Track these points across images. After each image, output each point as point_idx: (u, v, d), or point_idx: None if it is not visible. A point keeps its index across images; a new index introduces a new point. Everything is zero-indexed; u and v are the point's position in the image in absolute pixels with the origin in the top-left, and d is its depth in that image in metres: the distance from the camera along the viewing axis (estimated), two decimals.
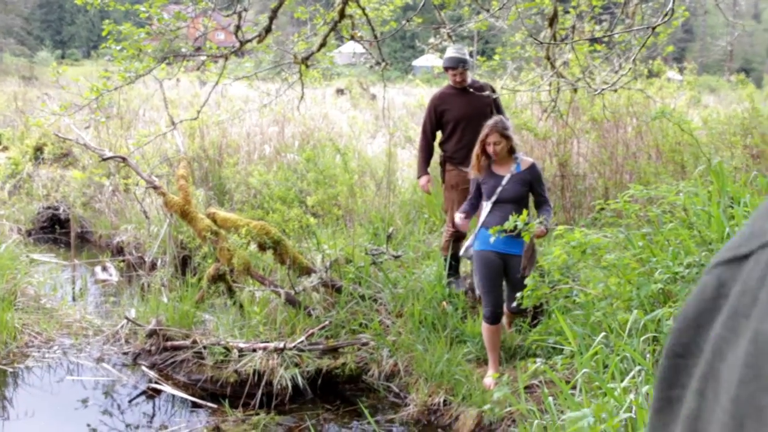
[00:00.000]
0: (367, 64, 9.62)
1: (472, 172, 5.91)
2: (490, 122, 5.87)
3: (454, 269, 7.38)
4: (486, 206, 5.83)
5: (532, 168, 5.87)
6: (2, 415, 6.37)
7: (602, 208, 5.80)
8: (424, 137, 7.51)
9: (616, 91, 7.36)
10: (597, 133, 9.64)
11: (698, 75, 17.67)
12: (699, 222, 4.84)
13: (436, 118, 7.36)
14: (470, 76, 7.34)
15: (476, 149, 5.84)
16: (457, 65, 7.04)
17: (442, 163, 7.50)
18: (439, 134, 7.55)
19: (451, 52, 7.13)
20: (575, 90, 7.93)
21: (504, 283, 5.96)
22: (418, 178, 7.68)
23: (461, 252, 6.23)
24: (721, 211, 4.64)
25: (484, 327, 5.95)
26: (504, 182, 5.75)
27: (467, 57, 7.13)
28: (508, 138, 5.78)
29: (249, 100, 14.35)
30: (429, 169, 7.63)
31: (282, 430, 5.99)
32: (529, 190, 5.84)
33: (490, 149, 5.78)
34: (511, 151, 5.85)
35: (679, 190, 5.20)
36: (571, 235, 4.83)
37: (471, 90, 7.16)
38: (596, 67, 7.69)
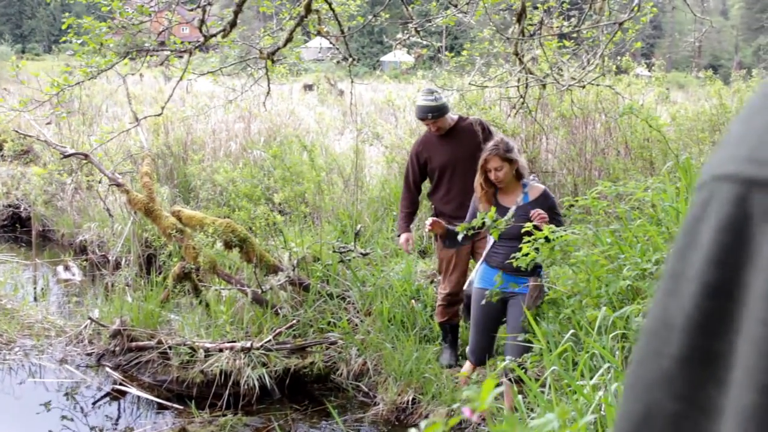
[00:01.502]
0: (334, 60, 9.55)
1: (480, 205, 5.10)
2: (489, 145, 5.10)
3: (450, 338, 6.48)
4: (489, 240, 5.10)
5: (543, 197, 5.04)
6: None
7: (571, 205, 5.77)
8: (406, 189, 6.57)
9: (584, 87, 7.35)
10: (566, 129, 9.64)
11: (667, 71, 17.79)
12: (667, 218, 4.82)
13: (419, 167, 6.47)
14: (449, 118, 6.36)
15: (478, 177, 5.08)
16: (425, 116, 6.18)
17: (433, 214, 6.46)
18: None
19: (420, 100, 6.27)
20: (544, 86, 7.89)
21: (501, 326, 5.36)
22: (398, 235, 6.73)
23: (465, 286, 5.78)
24: (689, 207, 4.62)
25: (466, 364, 5.55)
26: (511, 213, 4.83)
27: (438, 102, 6.16)
28: (511, 161, 4.98)
29: (214, 96, 14.18)
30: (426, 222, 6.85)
31: (249, 430, 5.91)
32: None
33: (491, 176, 5.02)
34: (519, 176, 5.08)
35: (648, 187, 5.18)
36: (540, 232, 4.79)
37: (458, 129, 6.36)
38: (564, 63, 7.66)
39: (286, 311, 7.07)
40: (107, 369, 6.84)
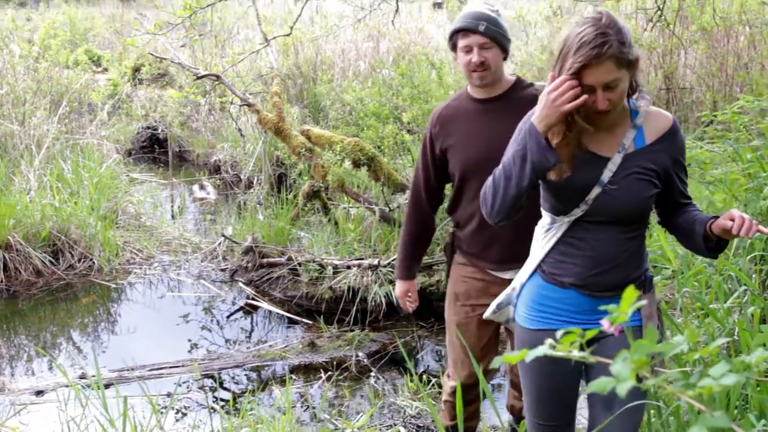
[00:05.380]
0: None
1: (556, 171, 2.57)
2: (578, 32, 2.42)
3: None
4: (557, 226, 2.71)
5: (672, 134, 2.66)
6: (107, 330, 6.57)
7: (710, 121, 5.50)
8: (414, 199, 3.77)
9: None
10: (706, 43, 9.16)
11: None
12: None
13: (434, 159, 3.62)
14: (505, 73, 3.55)
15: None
16: (475, 26, 3.39)
17: (449, 250, 3.79)
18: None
19: (470, 5, 3.56)
20: None
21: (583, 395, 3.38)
22: (396, 279, 3.97)
23: (487, 312, 3.06)
24: None
25: None
26: (611, 170, 2.60)
27: (500, 17, 3.48)
28: (630, 66, 2.47)
29: (343, 15, 14.16)
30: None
31: (376, 346, 5.99)
32: (662, 186, 2.66)
33: (597, 103, 2.46)
34: (633, 91, 2.62)
35: None
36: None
37: (512, 97, 3.49)
38: None
39: None
40: (240, 284, 7.06)
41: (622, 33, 2.42)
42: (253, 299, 6.80)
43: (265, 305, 6.69)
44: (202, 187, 10.43)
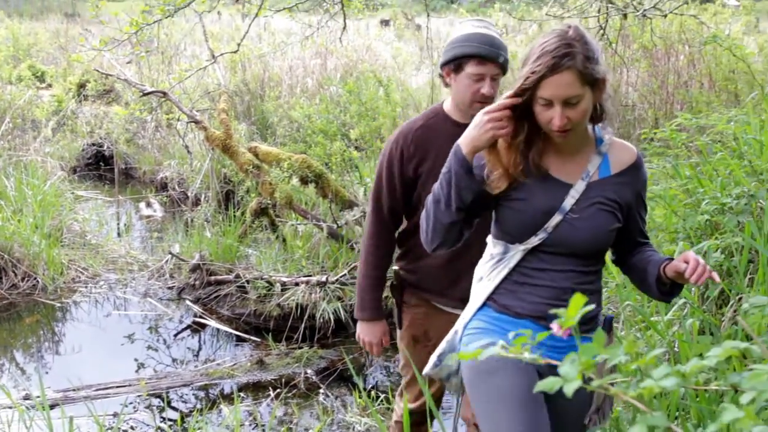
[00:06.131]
0: None
1: (497, 179, 2.44)
2: (542, 42, 2.29)
3: None
4: (510, 255, 2.49)
5: (636, 169, 2.52)
6: (51, 350, 6.48)
7: (651, 139, 5.62)
8: (377, 224, 3.40)
9: (665, 16, 7.10)
10: (647, 61, 9.37)
11: (757, 0, 17.05)
12: (750, 152, 4.66)
13: (402, 180, 3.25)
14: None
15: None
16: (495, 56, 3.07)
17: (397, 288, 3.50)
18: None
19: (474, 26, 3.16)
20: (625, 16, 7.66)
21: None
22: (360, 319, 3.55)
23: (427, 368, 2.70)
24: None
25: None
26: (574, 198, 2.43)
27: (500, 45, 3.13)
28: (596, 85, 2.30)
29: (291, 32, 14.18)
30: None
31: (324, 363, 5.99)
32: (623, 221, 2.50)
33: (553, 120, 2.28)
34: (594, 118, 2.44)
35: (730, 119, 5.02)
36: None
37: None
38: None
39: (361, 246, 7.10)
40: (187, 302, 7.02)
41: (589, 47, 2.25)
42: (200, 317, 6.76)
43: (212, 323, 6.66)
44: (148, 205, 10.34)
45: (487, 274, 2.55)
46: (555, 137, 2.36)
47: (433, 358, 2.64)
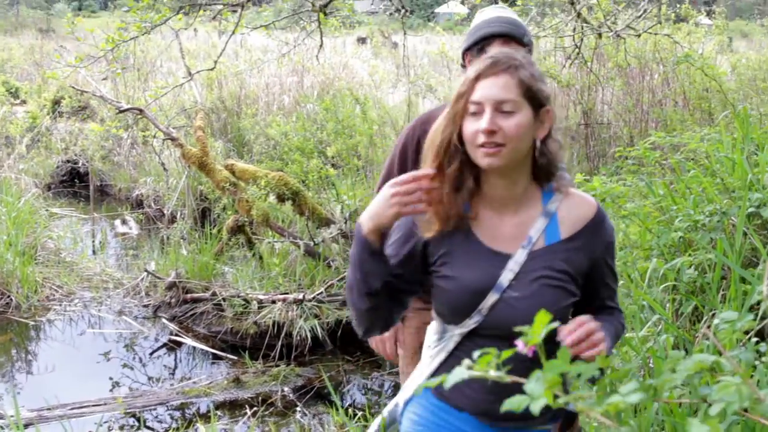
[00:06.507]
0: (387, 12, 9.48)
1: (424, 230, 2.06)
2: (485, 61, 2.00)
3: None
4: (448, 337, 2.11)
5: (595, 226, 2.09)
6: (25, 368, 6.42)
7: (625, 157, 5.68)
8: None
9: (639, 36, 7.19)
10: (622, 80, 9.47)
11: (730, 19, 17.31)
12: (722, 169, 4.72)
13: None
14: None
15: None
16: (521, 36, 2.95)
17: None
18: None
19: (492, 11, 3.07)
20: (599, 35, 7.74)
21: None
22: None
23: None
24: (745, 158, 4.52)
25: None
26: (513, 272, 2.02)
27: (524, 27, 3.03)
28: (534, 98, 1.97)
29: (267, 50, 14.21)
30: None
31: (302, 381, 5.98)
32: (579, 293, 2.07)
33: (478, 130, 1.93)
34: (542, 172, 2.06)
35: (702, 137, 5.08)
36: (591, 184, 4.72)
37: None
38: (620, 12, 7.50)
39: (338, 263, 7.10)
40: (163, 320, 6.98)
41: (533, 66, 1.99)
42: (176, 335, 6.72)
43: (188, 341, 6.63)
44: (124, 222, 10.30)
45: (430, 348, 2.17)
46: (483, 161, 1.94)
47: (373, 427, 2.47)
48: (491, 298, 1.98)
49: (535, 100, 1.96)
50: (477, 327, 2.01)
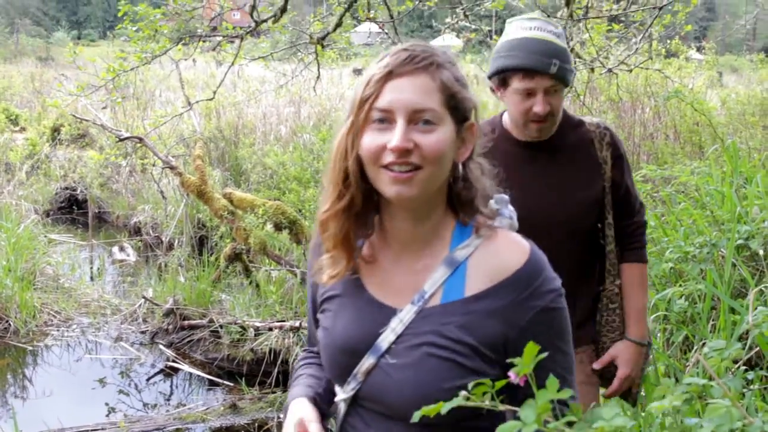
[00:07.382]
0: (383, 44, 9.60)
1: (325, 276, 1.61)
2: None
3: None
4: (340, 402, 1.64)
5: (522, 279, 1.49)
6: (22, 394, 6.45)
7: None
8: None
9: (631, 71, 7.31)
10: (614, 113, 9.59)
11: (720, 54, 17.52)
12: (711, 202, 4.83)
13: None
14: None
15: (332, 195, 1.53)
16: (546, 65, 2.50)
17: None
18: None
19: (521, 29, 2.58)
20: (592, 70, 7.87)
21: None
22: None
23: None
24: (734, 191, 4.62)
25: None
26: (395, 332, 1.52)
27: (565, 45, 2.61)
28: (457, 107, 1.51)
29: (265, 80, 14.35)
30: None
31: None
32: (495, 374, 1.42)
33: (384, 143, 1.46)
34: (460, 203, 1.56)
35: (693, 170, 5.19)
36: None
37: (568, 141, 2.71)
38: (611, 47, 7.63)
39: None
40: (160, 346, 7.03)
41: (456, 66, 1.54)
42: (173, 361, 6.77)
43: (185, 367, 6.67)
44: (121, 249, 10.36)
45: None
46: (389, 189, 1.47)
47: None
48: (367, 361, 1.54)
49: (458, 111, 1.51)
50: (356, 395, 1.59)
